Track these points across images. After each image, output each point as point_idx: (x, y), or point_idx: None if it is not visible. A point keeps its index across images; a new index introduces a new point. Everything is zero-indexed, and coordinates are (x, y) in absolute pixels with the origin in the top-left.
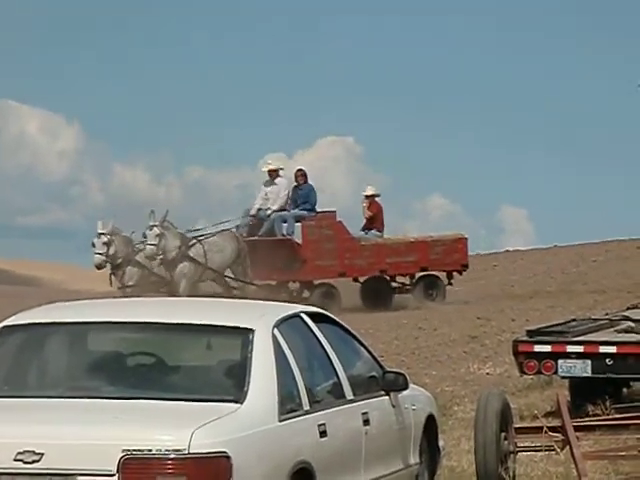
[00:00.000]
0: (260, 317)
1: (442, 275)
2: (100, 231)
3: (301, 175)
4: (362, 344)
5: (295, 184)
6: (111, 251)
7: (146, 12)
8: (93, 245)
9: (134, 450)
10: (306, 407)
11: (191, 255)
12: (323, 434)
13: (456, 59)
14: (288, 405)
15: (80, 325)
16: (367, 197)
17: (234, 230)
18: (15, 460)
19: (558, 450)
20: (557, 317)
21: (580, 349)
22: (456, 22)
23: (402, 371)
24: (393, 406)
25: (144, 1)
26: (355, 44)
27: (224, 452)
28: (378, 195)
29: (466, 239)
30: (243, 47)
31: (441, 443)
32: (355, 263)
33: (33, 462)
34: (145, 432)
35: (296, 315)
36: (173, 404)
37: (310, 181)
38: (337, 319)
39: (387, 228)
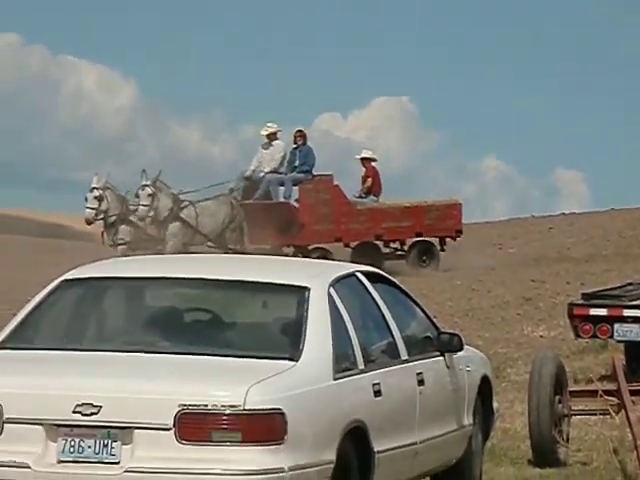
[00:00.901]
0: (316, 276)
1: (435, 242)
2: (93, 185)
3: (300, 136)
4: (417, 304)
5: (294, 145)
6: (103, 206)
7: None
8: (85, 199)
9: (190, 405)
10: (361, 366)
11: (183, 217)
12: (377, 393)
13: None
14: (343, 364)
15: (138, 280)
16: (362, 160)
17: (228, 194)
18: (74, 412)
19: (613, 414)
20: (613, 281)
21: (636, 313)
22: None
23: (457, 332)
24: (447, 367)
25: None
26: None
27: (279, 409)
28: (374, 159)
29: (460, 205)
30: (297, 6)
31: (495, 405)
32: (351, 228)
33: (91, 414)
34: (201, 387)
35: (352, 274)
36: (229, 360)
37: (309, 143)
38: (393, 279)
39: (441, 188)
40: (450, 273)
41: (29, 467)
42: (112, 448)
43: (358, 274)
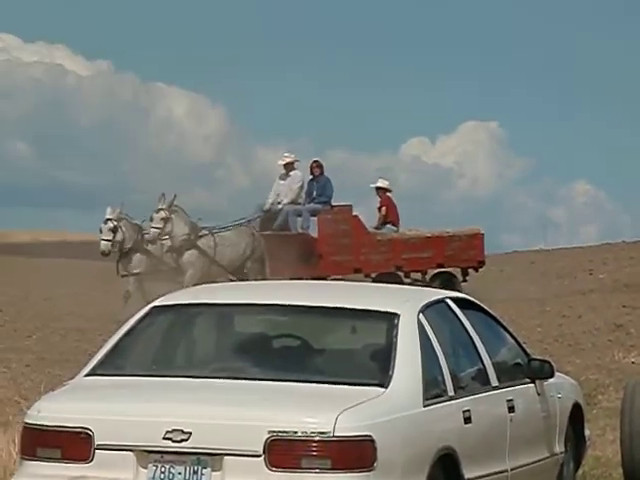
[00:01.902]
0: (406, 302)
1: (457, 272)
2: (108, 217)
3: (317, 167)
4: (507, 330)
5: (311, 176)
6: (118, 237)
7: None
8: (100, 231)
9: (280, 432)
10: (451, 393)
11: (200, 245)
12: (468, 420)
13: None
14: (433, 390)
15: (227, 307)
16: (377, 190)
17: (249, 225)
18: (164, 438)
19: None
20: None
21: None
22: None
23: (548, 359)
24: (538, 394)
25: None
26: (504, 26)
27: (369, 436)
28: (389, 190)
29: (482, 235)
30: (383, 31)
31: (587, 432)
32: (371, 258)
33: (181, 441)
34: (291, 414)
35: (441, 300)
36: (318, 387)
37: (326, 173)
38: (482, 305)
39: (530, 213)
40: (540, 299)
41: None
42: (202, 475)
43: (448, 300)
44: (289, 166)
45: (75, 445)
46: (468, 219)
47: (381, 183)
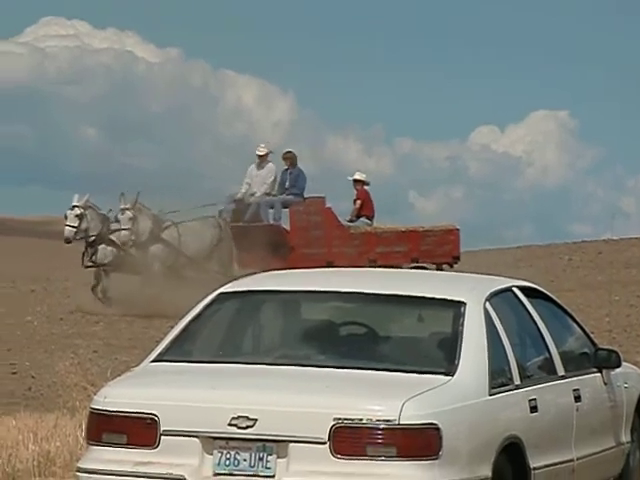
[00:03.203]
0: (472, 290)
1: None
2: (74, 204)
3: (289, 158)
4: (574, 320)
5: (285, 167)
6: (83, 225)
7: None
8: (65, 217)
9: (345, 419)
10: (517, 382)
11: (164, 238)
12: (534, 409)
13: None
14: (498, 379)
15: (294, 294)
16: (355, 182)
17: (216, 216)
18: (229, 425)
19: None
20: None
21: None
22: None
23: (615, 349)
24: (605, 383)
25: None
26: (574, 15)
27: (434, 424)
28: (367, 183)
29: (458, 230)
30: (454, 21)
31: None
32: (344, 252)
33: (247, 427)
34: (356, 402)
35: (508, 289)
36: (384, 374)
37: (300, 164)
38: (550, 294)
39: (600, 203)
40: (607, 288)
41: (185, 479)
42: (267, 461)
43: (514, 289)
44: (263, 158)
45: (141, 431)
46: (536, 207)
47: (358, 175)
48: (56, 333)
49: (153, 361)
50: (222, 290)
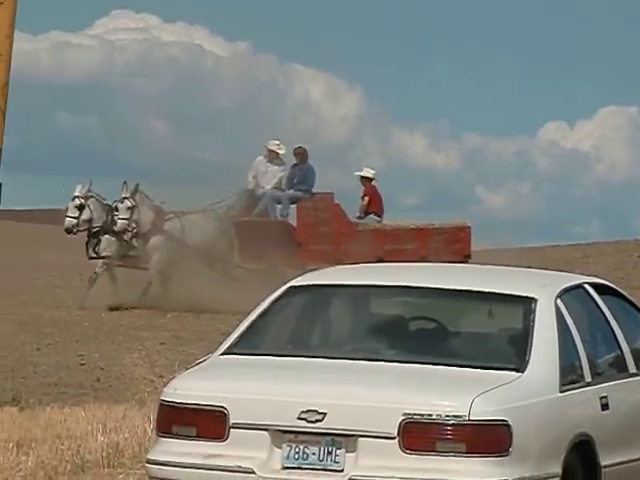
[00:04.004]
0: (543, 286)
1: None
2: (75, 194)
3: (300, 153)
4: None
5: (295, 162)
6: (84, 216)
7: None
8: (66, 209)
9: (414, 414)
10: (587, 379)
11: (166, 229)
12: (605, 407)
13: None
14: (569, 376)
15: (364, 288)
16: (362, 179)
17: (221, 209)
18: (299, 418)
19: None
20: None
21: None
22: None
23: None
24: None
25: None
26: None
27: (504, 420)
28: (373, 179)
29: (469, 228)
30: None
31: None
32: (352, 249)
33: (316, 421)
34: (426, 397)
35: (579, 286)
36: (453, 370)
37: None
38: (621, 291)
39: None
40: None
41: (254, 472)
42: (336, 455)
43: (586, 285)
44: (273, 154)
45: (210, 423)
46: (604, 204)
47: (365, 172)
48: (124, 325)
49: (223, 354)
50: (292, 284)
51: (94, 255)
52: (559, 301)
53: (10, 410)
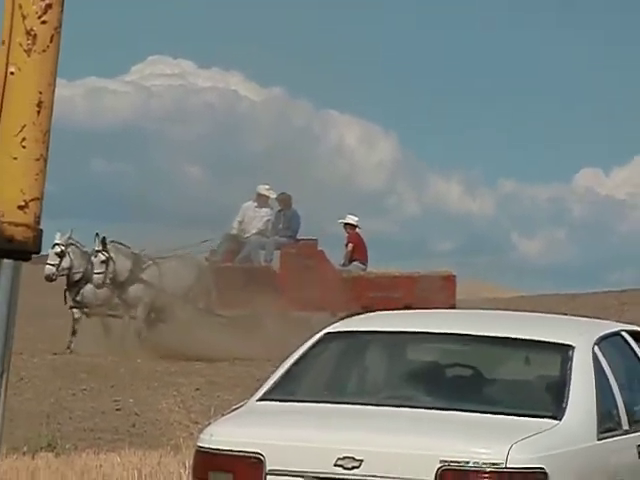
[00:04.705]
0: (581, 334)
1: None
2: (56, 241)
3: (284, 199)
4: None
5: (279, 209)
6: (65, 263)
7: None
8: (47, 256)
9: (451, 462)
10: (625, 427)
11: (144, 277)
12: None
13: None
14: (607, 424)
15: (400, 334)
16: (345, 226)
17: (202, 254)
18: (335, 465)
19: None
20: None
21: None
22: None
23: None
24: None
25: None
26: None
27: (541, 468)
28: (357, 227)
29: (454, 277)
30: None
31: None
32: (336, 296)
33: (352, 468)
34: (463, 444)
35: (617, 333)
36: (490, 417)
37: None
38: None
39: None
40: None
41: None
42: None
43: (623, 333)
44: (262, 198)
45: (247, 470)
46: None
47: (349, 219)
48: (159, 371)
49: (259, 400)
50: (328, 330)
51: (74, 304)
52: (597, 348)
53: (46, 456)
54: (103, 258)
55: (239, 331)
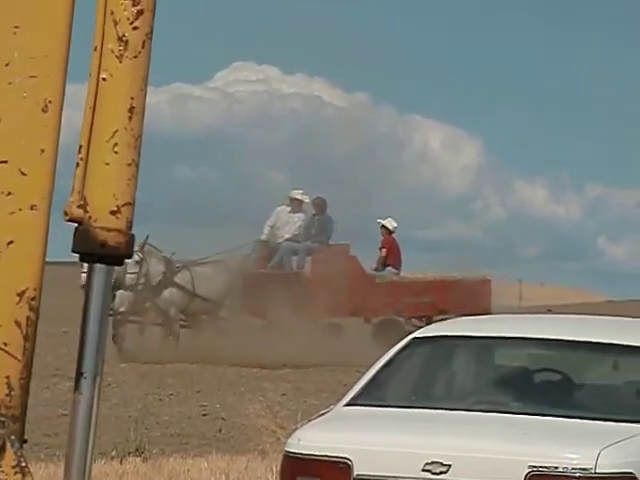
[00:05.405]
0: None
1: None
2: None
3: (319, 204)
4: None
5: (314, 213)
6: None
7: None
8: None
9: (540, 467)
10: None
11: (177, 281)
12: None
13: None
14: None
15: (488, 339)
16: (382, 229)
17: (234, 260)
18: (423, 470)
19: None
20: None
21: None
22: None
23: None
24: None
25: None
26: None
27: (631, 473)
28: (393, 231)
29: (490, 281)
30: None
31: None
32: (368, 302)
33: (440, 473)
34: (552, 449)
35: None
36: (579, 422)
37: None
38: None
39: None
40: None
41: None
42: None
43: None
44: (297, 203)
45: (334, 475)
46: None
47: (387, 223)
48: (245, 376)
49: (346, 405)
50: (416, 335)
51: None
52: None
53: (134, 460)
54: (137, 258)
55: (270, 337)
